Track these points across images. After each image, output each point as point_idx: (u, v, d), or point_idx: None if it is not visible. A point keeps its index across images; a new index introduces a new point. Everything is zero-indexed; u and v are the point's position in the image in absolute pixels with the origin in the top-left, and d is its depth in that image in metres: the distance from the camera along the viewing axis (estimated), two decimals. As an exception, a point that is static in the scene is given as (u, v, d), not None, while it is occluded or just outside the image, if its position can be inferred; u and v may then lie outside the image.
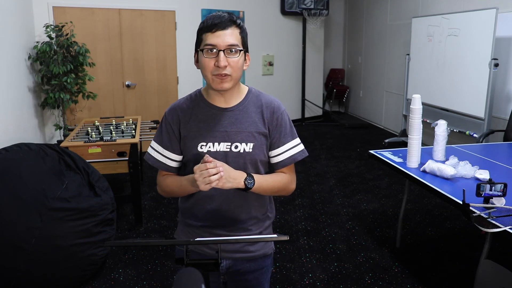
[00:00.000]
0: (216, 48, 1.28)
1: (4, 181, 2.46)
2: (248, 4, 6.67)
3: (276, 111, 1.42)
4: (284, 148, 1.43)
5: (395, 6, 6.76)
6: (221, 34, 1.28)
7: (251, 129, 1.38)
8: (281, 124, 1.42)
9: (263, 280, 1.54)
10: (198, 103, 1.41)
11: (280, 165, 1.44)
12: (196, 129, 1.38)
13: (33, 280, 2.43)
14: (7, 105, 3.66)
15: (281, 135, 1.42)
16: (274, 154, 1.43)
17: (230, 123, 1.38)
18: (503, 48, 4.50)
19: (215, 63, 1.28)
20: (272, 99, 1.45)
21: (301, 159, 1.47)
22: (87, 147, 3.32)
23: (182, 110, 1.41)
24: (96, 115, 5.39)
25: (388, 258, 2.99)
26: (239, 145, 1.37)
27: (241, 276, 1.49)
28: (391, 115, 7.07)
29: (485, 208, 1.93)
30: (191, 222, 1.47)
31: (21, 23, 4.43)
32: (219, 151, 1.36)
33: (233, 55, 1.30)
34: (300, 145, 1.48)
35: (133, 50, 5.69)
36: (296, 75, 7.54)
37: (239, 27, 1.32)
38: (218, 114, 1.38)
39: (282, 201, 4.06)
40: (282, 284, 2.70)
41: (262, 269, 1.51)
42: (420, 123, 2.63)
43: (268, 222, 1.51)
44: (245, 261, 1.47)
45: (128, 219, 3.64)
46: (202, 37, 1.31)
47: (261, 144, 1.39)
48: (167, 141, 1.41)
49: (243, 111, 1.39)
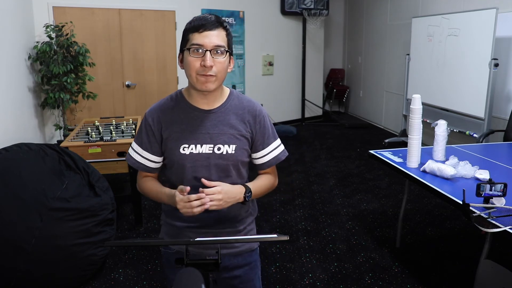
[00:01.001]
0: (203, 48, 1.29)
1: (4, 181, 2.46)
2: (248, 4, 6.67)
3: (259, 115, 1.46)
4: (269, 149, 1.49)
5: (395, 6, 6.76)
6: (208, 34, 1.29)
7: (233, 131, 1.41)
8: (264, 127, 1.46)
9: (253, 276, 1.57)
10: (179, 104, 1.42)
11: (265, 166, 1.50)
12: (179, 131, 1.39)
13: (33, 280, 2.43)
14: (7, 105, 3.66)
15: (264, 138, 1.47)
16: (259, 156, 1.48)
17: (213, 125, 1.39)
18: (503, 48, 4.50)
19: (201, 62, 1.29)
20: (253, 102, 1.48)
21: (284, 158, 1.53)
22: (87, 147, 3.32)
23: (163, 111, 1.42)
24: (96, 115, 5.39)
25: (388, 258, 2.99)
26: (221, 147, 1.39)
27: (229, 272, 1.51)
28: (391, 115, 7.07)
29: (485, 208, 1.93)
30: (176, 223, 1.49)
31: (21, 23, 4.43)
32: (202, 153, 1.39)
33: (219, 56, 1.31)
34: (281, 145, 1.54)
35: (133, 50, 5.70)
36: (296, 75, 7.54)
37: (226, 29, 1.34)
38: (200, 116, 1.40)
39: (282, 201, 4.06)
40: (282, 284, 2.70)
41: (250, 264, 1.55)
42: (420, 123, 2.63)
43: (251, 218, 1.56)
44: (232, 256, 1.50)
45: (128, 219, 3.64)
46: (189, 37, 1.31)
47: (243, 146, 1.43)
48: (147, 143, 1.43)
49: (225, 113, 1.41)
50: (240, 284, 1.53)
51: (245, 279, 1.54)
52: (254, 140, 1.45)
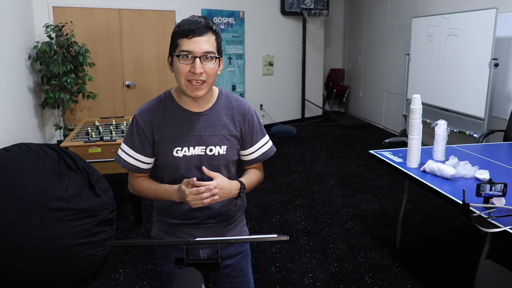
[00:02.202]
0: (192, 55, 1.29)
1: (4, 181, 2.46)
2: (248, 4, 6.67)
3: (247, 114, 1.49)
4: (257, 146, 1.53)
5: (395, 6, 6.76)
6: (198, 40, 1.29)
7: (224, 132, 1.44)
8: (252, 125, 1.50)
9: (245, 264, 1.62)
10: (170, 106, 1.43)
11: (254, 162, 1.55)
12: (171, 134, 1.40)
13: (33, 280, 2.43)
14: (7, 105, 3.66)
15: (253, 135, 1.51)
16: (248, 153, 1.53)
17: (204, 127, 1.42)
18: (503, 48, 4.50)
19: (190, 69, 1.30)
20: (242, 101, 1.51)
21: (272, 154, 1.57)
22: (87, 147, 3.32)
23: (153, 114, 1.42)
24: (96, 115, 5.39)
25: (388, 258, 2.99)
26: (213, 149, 1.42)
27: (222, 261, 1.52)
28: (391, 115, 7.07)
29: (485, 208, 1.93)
30: (169, 220, 1.51)
31: (21, 23, 4.43)
32: (194, 155, 1.41)
33: (208, 62, 1.32)
34: (270, 141, 1.57)
35: (133, 50, 5.69)
36: (296, 75, 7.54)
37: (215, 33, 1.34)
38: (191, 118, 1.41)
39: (282, 201, 4.06)
40: (282, 284, 2.70)
41: (241, 253, 1.59)
42: (420, 123, 2.63)
43: (240, 211, 1.60)
44: (224, 247, 1.54)
45: (128, 219, 3.64)
46: (178, 42, 1.31)
47: (233, 146, 1.46)
48: (139, 145, 1.43)
49: (215, 115, 1.44)
50: (233, 273, 1.58)
51: (237, 268, 1.58)
52: (243, 138, 1.49)
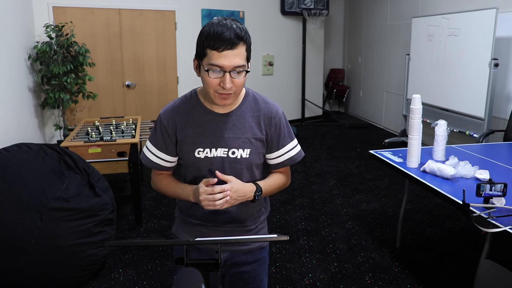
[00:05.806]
0: (223, 70, 1.24)
1: (4, 181, 2.46)
2: (248, 4, 6.67)
3: (274, 117, 1.42)
4: (284, 150, 1.45)
5: (395, 6, 6.76)
6: (229, 54, 1.22)
7: (248, 134, 1.39)
8: (279, 128, 1.43)
9: (261, 271, 1.58)
10: (194, 106, 1.40)
11: (279, 166, 1.48)
12: (193, 134, 1.38)
13: (33, 280, 2.43)
14: (7, 105, 3.66)
15: (280, 139, 1.44)
16: (273, 157, 1.46)
17: (227, 128, 1.37)
18: (503, 48, 4.50)
19: (220, 83, 1.26)
20: (270, 103, 1.44)
21: (299, 159, 1.49)
22: (87, 147, 3.32)
23: (178, 113, 1.40)
24: (96, 115, 5.39)
25: (388, 258, 2.99)
26: (236, 151, 1.38)
27: (238, 268, 1.52)
28: (391, 115, 7.07)
29: (485, 208, 1.93)
30: (190, 220, 1.50)
31: (21, 23, 4.43)
32: (216, 157, 1.38)
33: (238, 76, 1.27)
34: (298, 146, 1.50)
35: (133, 50, 5.69)
36: (296, 75, 7.54)
37: (246, 42, 1.26)
38: (215, 119, 1.38)
39: (282, 201, 4.06)
40: (282, 284, 2.70)
41: (259, 261, 1.55)
42: (420, 123, 2.63)
43: (263, 216, 1.56)
44: (242, 253, 1.50)
45: (128, 219, 3.64)
46: (207, 52, 1.24)
47: (258, 149, 1.41)
48: (162, 144, 1.42)
49: (240, 116, 1.39)
50: (248, 279, 1.54)
51: (253, 274, 1.54)
52: (268, 142, 1.43)
